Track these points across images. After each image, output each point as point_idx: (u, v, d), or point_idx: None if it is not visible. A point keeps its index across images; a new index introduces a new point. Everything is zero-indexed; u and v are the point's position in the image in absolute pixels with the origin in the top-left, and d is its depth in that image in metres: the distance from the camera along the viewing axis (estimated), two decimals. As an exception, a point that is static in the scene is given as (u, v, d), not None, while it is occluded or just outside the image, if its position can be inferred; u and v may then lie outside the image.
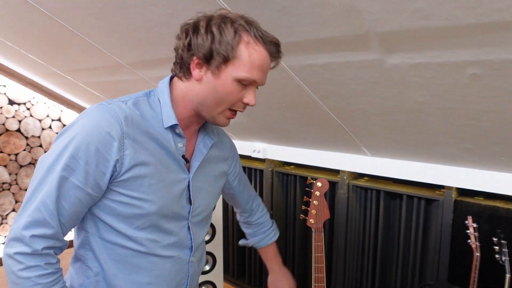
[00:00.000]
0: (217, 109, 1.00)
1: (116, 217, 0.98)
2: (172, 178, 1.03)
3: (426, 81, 1.31)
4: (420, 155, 1.91)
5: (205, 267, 2.26)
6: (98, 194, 0.96)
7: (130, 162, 0.95)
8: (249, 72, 0.95)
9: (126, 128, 0.94)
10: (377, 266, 2.26)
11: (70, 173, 0.91)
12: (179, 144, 1.05)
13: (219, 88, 0.97)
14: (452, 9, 0.97)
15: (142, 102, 1.02)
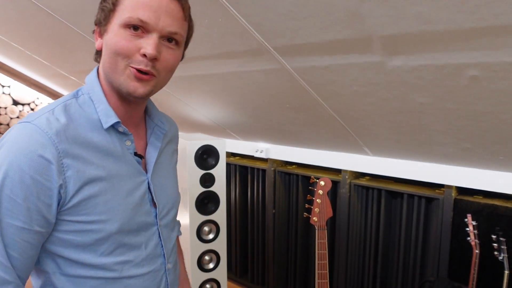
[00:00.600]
0: (117, 68, 0.84)
1: (75, 249, 0.84)
2: (128, 185, 0.89)
3: (427, 83, 1.35)
4: (420, 154, 1.95)
5: (209, 265, 2.31)
6: (48, 229, 0.81)
7: (76, 184, 0.80)
8: (133, 11, 0.81)
9: (61, 145, 0.79)
10: (379, 263, 2.30)
11: (10, 215, 0.76)
12: (127, 143, 0.91)
13: (109, 41, 0.84)
14: (452, 14, 1.02)
15: (72, 106, 0.87)
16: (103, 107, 0.87)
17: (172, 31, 0.83)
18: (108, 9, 0.83)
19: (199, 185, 2.21)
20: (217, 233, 2.31)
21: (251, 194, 3.06)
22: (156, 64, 0.84)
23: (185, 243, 2.28)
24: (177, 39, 0.85)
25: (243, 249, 3.21)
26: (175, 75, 2.29)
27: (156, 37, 0.82)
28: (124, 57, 0.82)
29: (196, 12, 1.46)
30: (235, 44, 1.59)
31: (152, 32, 0.82)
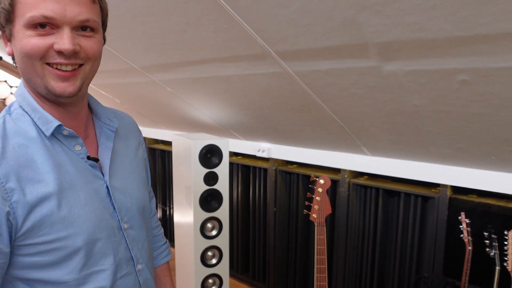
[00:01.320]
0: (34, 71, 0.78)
1: (45, 269, 0.79)
2: (85, 193, 0.84)
3: (420, 86, 1.43)
4: (417, 154, 2.03)
5: (212, 261, 2.38)
6: (5, 259, 0.77)
7: (25, 208, 0.75)
8: (34, 9, 0.73)
9: (1, 170, 0.74)
10: (376, 260, 2.38)
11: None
12: (76, 148, 0.86)
13: (18, 45, 0.77)
14: (442, 24, 1.10)
15: (7, 124, 0.80)
16: (40, 115, 0.81)
17: (83, 19, 0.77)
18: (7, 10, 0.75)
19: (203, 183, 2.28)
20: (220, 230, 2.38)
21: (253, 192, 3.14)
22: (79, 55, 0.78)
23: (189, 239, 2.36)
24: (92, 26, 0.79)
25: (245, 246, 3.29)
26: (181, 76, 2.38)
27: (68, 30, 0.76)
28: (38, 58, 0.76)
29: (202, 18, 1.55)
30: (239, 48, 1.68)
31: (61, 26, 0.75)
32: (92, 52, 0.80)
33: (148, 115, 3.62)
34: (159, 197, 4.16)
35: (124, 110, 3.82)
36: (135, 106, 3.55)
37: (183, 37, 1.77)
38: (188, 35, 1.72)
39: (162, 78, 2.48)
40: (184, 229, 2.45)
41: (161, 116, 3.47)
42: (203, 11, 1.50)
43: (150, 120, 3.79)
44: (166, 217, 4.15)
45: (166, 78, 2.44)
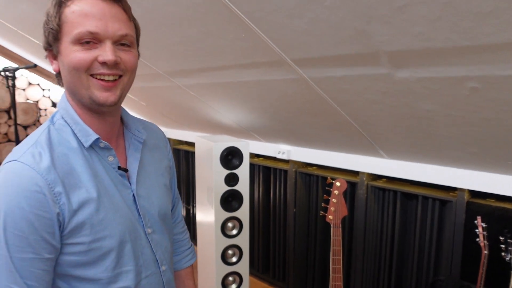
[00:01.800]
0: (80, 83, 0.87)
1: (82, 267, 0.89)
2: (117, 201, 0.94)
3: (432, 92, 1.47)
4: (433, 158, 2.05)
5: (233, 259, 2.47)
6: (56, 254, 0.86)
7: (70, 210, 0.85)
8: (80, 26, 0.83)
9: (49, 176, 0.83)
10: (394, 263, 2.41)
11: (19, 250, 0.81)
12: (109, 158, 0.95)
13: (65, 60, 0.86)
14: (448, 34, 1.14)
15: (51, 135, 0.90)
16: (80, 128, 0.90)
17: (122, 34, 0.86)
18: (55, 30, 0.85)
19: (224, 184, 2.37)
20: (240, 229, 2.46)
21: (273, 193, 3.21)
22: (120, 66, 0.87)
23: (210, 237, 2.45)
24: (129, 40, 0.89)
25: (265, 246, 3.36)
26: (203, 81, 2.49)
27: (110, 43, 0.84)
28: (84, 70, 0.85)
29: (222, 28, 1.63)
30: (257, 56, 1.75)
31: (104, 40, 0.84)
32: (130, 64, 0.89)
33: (172, 117, 3.75)
34: (183, 197, 4.28)
35: (150, 112, 3.97)
36: (160, 109, 3.68)
37: (203, 45, 1.86)
38: (208, 43, 1.81)
39: (185, 83, 2.58)
40: (206, 228, 2.54)
41: (185, 118, 3.59)
42: (222, 22, 1.58)
43: (174, 122, 3.91)
44: (189, 216, 4.27)
45: (189, 83, 2.54)
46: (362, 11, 1.19)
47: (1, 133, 3.73)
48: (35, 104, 3.90)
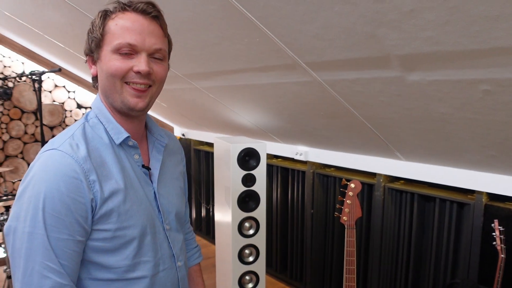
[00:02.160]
0: (114, 88, 0.96)
1: (105, 254, 0.95)
2: (140, 195, 1.01)
3: (444, 95, 1.47)
4: (450, 160, 2.04)
5: (249, 258, 2.50)
6: (86, 238, 0.93)
7: (102, 198, 0.92)
8: (121, 38, 0.92)
9: (85, 165, 0.91)
10: (411, 265, 2.40)
11: (56, 230, 0.87)
12: (135, 156, 1.03)
13: (104, 66, 0.95)
14: (457, 38, 1.14)
15: (86, 130, 0.99)
16: (113, 126, 0.99)
17: (157, 48, 0.95)
18: (98, 39, 0.94)
19: (241, 184, 2.41)
20: (257, 229, 2.50)
21: (291, 194, 3.24)
22: (151, 77, 0.95)
23: (227, 237, 2.49)
24: (162, 54, 0.97)
25: (283, 246, 3.39)
26: (220, 84, 2.54)
27: (145, 55, 0.94)
28: (120, 77, 0.94)
29: (237, 33, 1.67)
30: (271, 59, 1.78)
31: (140, 52, 0.93)
32: (160, 76, 0.98)
33: (192, 118, 3.81)
34: (203, 196, 4.35)
35: (171, 113, 4.05)
36: (180, 110, 3.75)
37: (219, 49, 1.90)
38: (224, 47, 1.85)
39: (204, 85, 2.64)
40: (223, 227, 2.59)
41: (205, 120, 3.65)
42: (237, 27, 1.62)
43: (194, 123, 3.98)
44: (209, 216, 4.33)
45: (207, 85, 2.59)
46: (371, 16, 1.20)
47: (28, 134, 3.88)
48: (61, 106, 4.03)
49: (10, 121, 3.79)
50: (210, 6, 1.54)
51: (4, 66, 3.68)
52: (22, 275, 0.86)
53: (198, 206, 4.49)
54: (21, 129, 3.85)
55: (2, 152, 3.78)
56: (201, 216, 4.46)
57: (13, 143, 3.83)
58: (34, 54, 3.76)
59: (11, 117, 3.79)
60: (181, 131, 4.59)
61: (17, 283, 0.87)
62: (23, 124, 3.85)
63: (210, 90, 2.69)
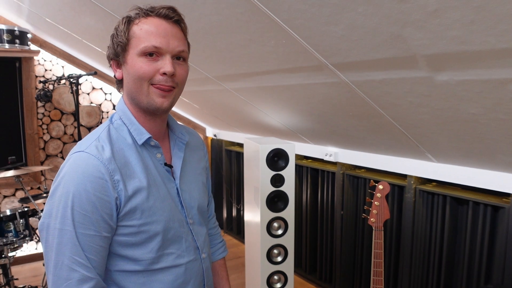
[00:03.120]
0: (141, 90, 1.01)
1: (130, 247, 1.01)
2: (163, 192, 1.06)
3: (475, 95, 1.44)
4: (484, 162, 1.98)
5: (278, 258, 2.52)
6: (112, 234, 0.99)
7: (126, 196, 0.97)
8: (146, 41, 0.97)
9: (110, 166, 0.96)
10: (443, 269, 2.34)
11: (83, 227, 0.93)
12: (158, 155, 1.08)
13: (130, 70, 1.00)
14: (484, 37, 1.12)
15: (111, 132, 1.04)
16: (135, 127, 1.05)
17: (180, 50, 1.01)
18: (123, 43, 1.00)
19: (270, 185, 2.43)
20: (286, 229, 2.51)
21: (321, 195, 3.23)
22: (174, 79, 1.01)
23: (256, 237, 2.52)
24: (184, 56, 1.04)
25: (312, 247, 3.38)
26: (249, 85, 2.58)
27: (169, 57, 0.99)
28: (147, 79, 0.99)
29: (263, 35, 1.70)
30: (298, 61, 1.80)
31: (165, 54, 0.99)
32: (182, 77, 1.04)
33: (224, 119, 3.87)
34: (234, 196, 4.40)
35: (203, 114, 4.12)
36: (212, 111, 3.82)
37: (247, 51, 1.94)
38: (252, 49, 1.88)
39: (233, 87, 2.68)
40: (252, 227, 2.62)
41: (236, 121, 3.70)
42: (263, 29, 1.64)
43: (226, 124, 4.04)
44: (239, 216, 4.38)
45: (237, 86, 2.63)
46: (396, 17, 1.20)
47: (67, 134, 4.05)
48: (98, 107, 4.19)
49: (51, 122, 3.97)
50: (237, 9, 1.58)
51: (45, 70, 3.87)
52: (53, 268, 0.93)
53: (229, 206, 4.55)
54: (61, 129, 4.03)
55: (43, 152, 3.97)
56: (231, 216, 4.52)
57: (53, 143, 4.01)
58: (73, 58, 3.93)
59: (51, 118, 3.97)
60: (213, 131, 4.66)
61: (49, 275, 0.94)
62: (63, 124, 4.03)
63: (239, 92, 2.73)
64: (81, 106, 4.08)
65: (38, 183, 3.93)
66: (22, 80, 3.76)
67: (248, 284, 2.80)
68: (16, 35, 3.46)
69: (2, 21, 3.59)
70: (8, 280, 2.60)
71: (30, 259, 3.88)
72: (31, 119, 3.83)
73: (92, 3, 2.11)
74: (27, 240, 2.68)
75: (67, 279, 0.92)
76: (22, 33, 3.50)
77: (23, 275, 3.57)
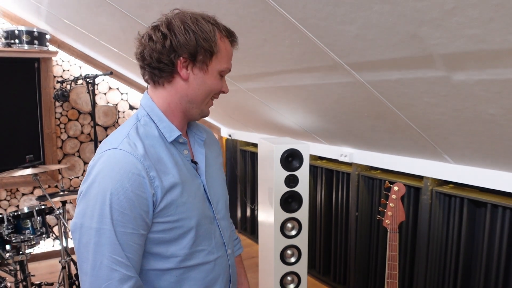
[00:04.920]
0: (205, 101, 1.06)
1: (164, 245, 1.01)
2: (193, 188, 1.07)
3: (493, 95, 1.41)
4: (502, 164, 1.94)
5: (291, 259, 2.51)
6: (148, 231, 0.99)
7: (162, 192, 0.97)
8: (227, 64, 1.05)
9: (145, 162, 0.96)
10: (459, 272, 2.30)
11: (122, 225, 0.92)
12: (185, 152, 1.09)
13: (208, 81, 1.03)
14: (504, 35, 1.10)
15: (140, 129, 1.03)
16: (165, 125, 1.05)
17: None
18: (212, 52, 1.00)
19: (284, 185, 2.42)
20: (299, 230, 2.50)
21: (335, 196, 3.20)
22: None
23: (269, 237, 2.52)
24: None
25: (327, 248, 3.36)
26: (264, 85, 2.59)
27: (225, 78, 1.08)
28: (213, 95, 1.07)
29: (278, 35, 1.69)
30: (313, 60, 1.79)
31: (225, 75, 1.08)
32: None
33: (239, 119, 3.87)
34: (248, 197, 4.40)
35: (218, 114, 4.13)
36: (227, 111, 3.82)
37: (262, 51, 1.93)
38: (267, 49, 1.88)
39: (248, 87, 2.68)
40: (266, 228, 2.61)
41: (250, 121, 3.70)
42: (277, 29, 1.64)
43: (241, 124, 4.04)
44: (254, 216, 4.37)
45: (252, 86, 2.63)
46: (412, 15, 1.18)
47: (84, 133, 4.11)
48: (115, 107, 4.24)
49: (68, 121, 4.03)
50: (252, 9, 1.57)
51: (63, 70, 3.93)
52: (91, 269, 0.91)
53: (243, 206, 4.55)
54: (78, 129, 4.08)
55: (60, 151, 4.03)
56: (246, 216, 4.52)
57: (70, 142, 4.07)
58: (90, 58, 3.98)
59: (69, 117, 4.03)
60: (227, 131, 4.67)
61: (85, 276, 0.92)
62: (80, 124, 4.09)
63: (254, 92, 2.72)
64: (98, 106, 4.13)
65: (56, 181, 3.99)
66: (40, 80, 3.82)
67: (261, 284, 2.80)
68: (35, 36, 3.52)
69: (21, 23, 3.66)
70: (25, 276, 2.65)
71: (46, 256, 3.94)
72: (49, 118, 3.89)
73: (108, 4, 2.14)
74: (44, 237, 2.72)
75: (107, 279, 0.91)
76: (40, 34, 3.57)
77: (40, 272, 3.63)
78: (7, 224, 2.58)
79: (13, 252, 2.59)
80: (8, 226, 2.58)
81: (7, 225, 2.58)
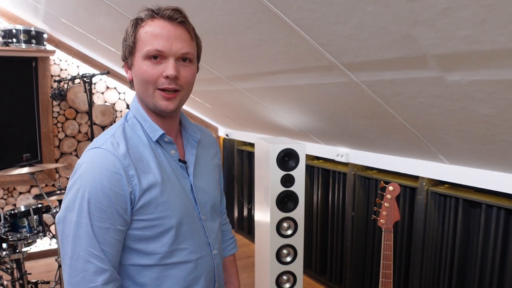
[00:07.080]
0: (147, 93, 1.03)
1: (144, 242, 1.03)
2: (178, 187, 1.08)
3: (487, 95, 1.42)
4: (497, 164, 1.95)
5: (287, 258, 2.52)
6: (126, 227, 1.01)
7: (140, 190, 0.99)
8: (150, 45, 0.98)
9: (125, 161, 0.99)
10: (454, 272, 2.31)
11: (99, 220, 0.96)
12: (172, 151, 1.10)
13: (137, 72, 1.02)
14: (495, 36, 1.11)
15: (126, 129, 1.07)
16: (149, 125, 1.07)
17: (184, 52, 1.01)
18: (130, 46, 1.02)
19: (280, 185, 2.43)
20: (295, 230, 2.51)
21: (332, 196, 3.21)
22: (178, 81, 1.01)
23: (265, 236, 2.52)
24: (190, 57, 1.03)
25: (323, 248, 3.37)
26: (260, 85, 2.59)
27: (172, 60, 0.99)
28: (152, 83, 1.01)
29: (274, 35, 1.70)
30: (308, 61, 1.79)
31: (168, 57, 0.99)
32: (187, 80, 1.04)
33: (235, 119, 3.88)
34: (245, 196, 4.41)
35: (215, 114, 4.14)
36: (224, 111, 3.83)
37: (258, 51, 1.94)
38: (263, 49, 1.88)
39: (245, 86, 2.68)
40: (262, 227, 2.62)
41: (247, 120, 3.70)
42: (273, 29, 1.65)
43: (238, 124, 4.05)
44: (250, 215, 4.38)
45: (248, 86, 2.64)
46: (405, 16, 1.19)
47: (82, 132, 4.11)
48: (112, 106, 4.24)
49: (66, 120, 4.03)
50: (247, 9, 1.58)
51: (61, 69, 3.93)
52: (69, 259, 0.96)
53: (240, 206, 4.56)
54: (75, 128, 4.09)
55: (58, 150, 4.03)
56: (242, 216, 4.52)
57: (68, 141, 4.07)
58: (88, 57, 3.98)
59: (66, 116, 4.03)
60: (225, 131, 4.67)
61: (65, 266, 0.97)
62: (77, 123, 4.09)
63: (251, 91, 2.73)
64: (95, 105, 4.13)
65: (53, 180, 4.00)
66: (38, 79, 3.83)
67: (258, 283, 2.80)
68: (32, 35, 3.52)
69: (19, 22, 3.66)
70: (22, 275, 2.65)
71: (43, 255, 3.95)
72: (46, 117, 3.89)
73: (105, 3, 2.14)
74: (41, 236, 2.72)
75: (83, 270, 0.95)
76: (38, 33, 3.57)
77: (36, 271, 3.63)
78: (4, 222, 2.59)
79: (9, 250, 2.59)
80: (4, 225, 2.59)
81: (4, 224, 2.59)
